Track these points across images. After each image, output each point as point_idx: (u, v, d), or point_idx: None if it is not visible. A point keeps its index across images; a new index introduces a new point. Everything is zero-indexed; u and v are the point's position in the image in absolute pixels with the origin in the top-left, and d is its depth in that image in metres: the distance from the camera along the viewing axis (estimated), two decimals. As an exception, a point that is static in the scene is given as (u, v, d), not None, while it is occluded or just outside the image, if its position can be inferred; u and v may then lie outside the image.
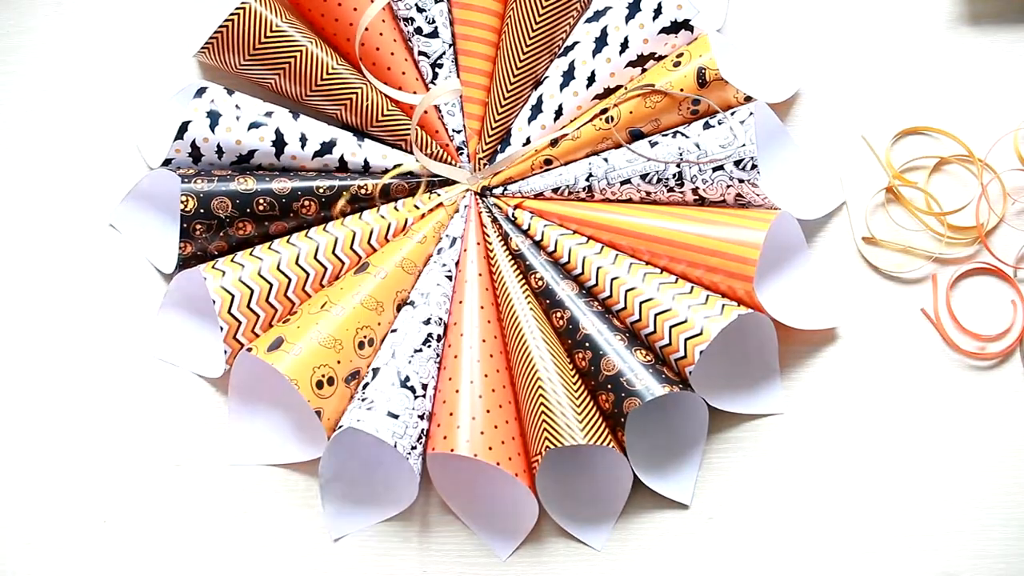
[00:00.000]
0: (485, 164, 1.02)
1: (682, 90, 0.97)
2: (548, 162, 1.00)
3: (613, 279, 0.95)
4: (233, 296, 0.94)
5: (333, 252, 0.97)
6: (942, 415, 0.95)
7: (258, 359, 0.92)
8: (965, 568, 0.92)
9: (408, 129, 1.00)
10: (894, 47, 1.02)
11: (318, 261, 0.96)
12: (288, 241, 0.97)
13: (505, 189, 1.01)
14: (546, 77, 1.01)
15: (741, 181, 0.95)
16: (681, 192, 0.97)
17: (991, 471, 0.94)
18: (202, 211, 0.96)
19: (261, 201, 0.97)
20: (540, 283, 0.97)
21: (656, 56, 0.99)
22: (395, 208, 1.00)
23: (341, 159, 0.99)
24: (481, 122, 1.02)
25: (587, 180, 0.98)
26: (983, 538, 0.93)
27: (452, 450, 0.90)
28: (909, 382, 0.96)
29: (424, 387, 0.94)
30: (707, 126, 0.96)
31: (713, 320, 0.91)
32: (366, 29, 0.99)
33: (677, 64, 0.97)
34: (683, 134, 0.96)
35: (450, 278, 0.98)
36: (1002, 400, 0.95)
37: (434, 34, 1.01)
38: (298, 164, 1.00)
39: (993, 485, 0.93)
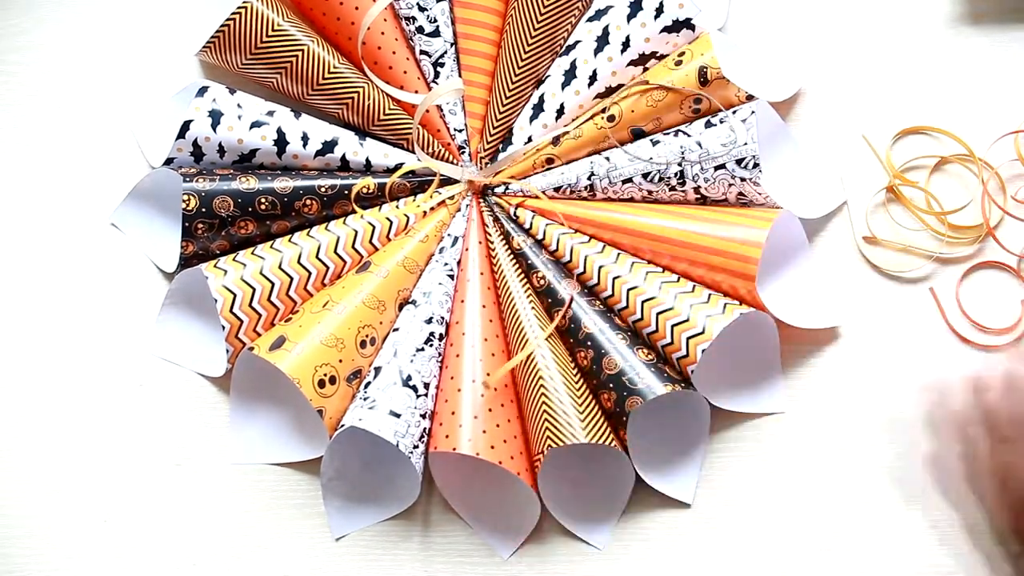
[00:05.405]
0: (487, 163, 1.02)
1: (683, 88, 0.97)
2: (550, 161, 1.00)
3: (615, 278, 0.95)
4: (235, 295, 0.94)
5: (335, 251, 0.97)
6: (943, 414, 0.95)
7: (260, 358, 0.92)
8: (967, 567, 0.92)
9: (410, 128, 1.00)
10: (895, 46, 1.02)
11: (320, 260, 0.96)
12: (290, 240, 0.97)
13: (507, 188, 1.01)
14: (548, 76, 1.01)
15: (743, 180, 0.95)
16: (683, 191, 0.97)
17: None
18: (204, 210, 0.96)
19: (263, 200, 0.97)
20: (542, 282, 0.97)
21: (658, 55, 1.00)
22: (397, 207, 1.00)
23: (343, 158, 0.99)
24: (483, 121, 1.02)
25: (589, 179, 0.98)
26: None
27: (454, 449, 0.90)
28: (910, 381, 0.96)
29: (426, 386, 0.94)
30: (709, 125, 0.96)
31: (715, 319, 0.91)
32: (368, 28, 0.99)
33: (679, 63, 0.97)
34: (685, 133, 0.96)
35: (452, 277, 0.99)
36: (1003, 399, 0.95)
37: (436, 33, 1.01)
38: (300, 163, 1.00)
39: (994, 484, 0.94)
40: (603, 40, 1.00)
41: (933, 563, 0.92)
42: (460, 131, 1.03)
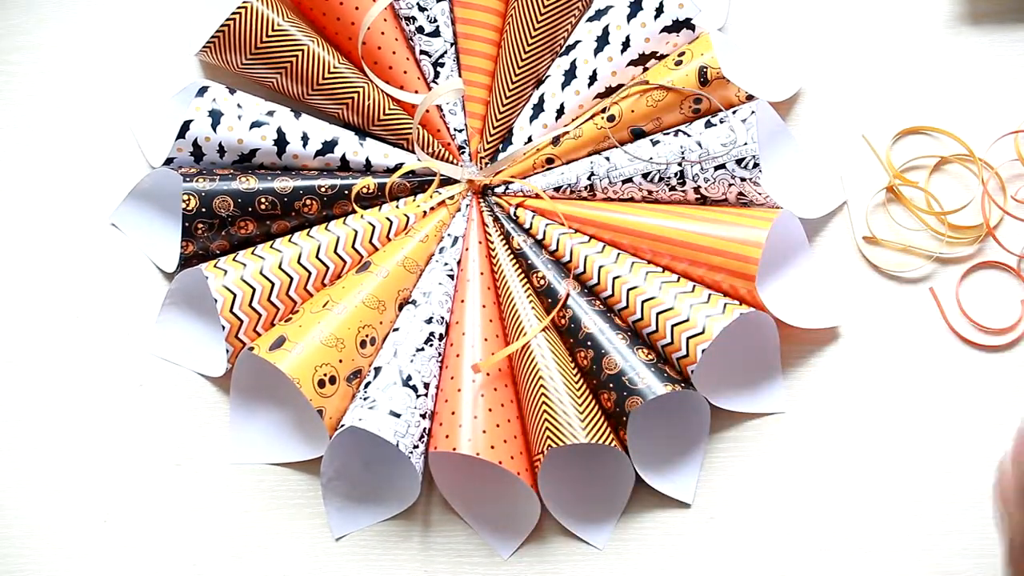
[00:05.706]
0: (487, 163, 1.02)
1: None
2: (550, 161, 1.00)
3: (615, 278, 0.95)
4: (235, 295, 0.94)
5: (335, 251, 0.97)
6: (943, 414, 0.95)
7: (260, 358, 0.92)
8: (967, 567, 0.92)
9: (410, 128, 1.00)
10: (895, 47, 1.02)
11: (320, 260, 0.96)
12: (290, 240, 0.97)
13: (507, 188, 1.01)
14: (548, 76, 1.01)
15: (743, 180, 0.95)
16: (683, 191, 0.97)
17: (993, 471, 0.94)
18: (204, 210, 0.96)
19: (263, 200, 0.97)
20: (542, 282, 0.97)
21: (658, 55, 1.00)
22: (397, 207, 1.00)
23: (343, 158, 0.99)
24: (483, 121, 1.02)
25: (589, 179, 0.98)
26: (985, 538, 0.93)
27: (454, 449, 0.90)
28: (910, 381, 0.96)
29: (426, 386, 0.94)
30: (709, 124, 0.96)
31: (715, 319, 0.91)
32: (368, 28, 0.99)
33: (679, 63, 0.97)
34: (685, 132, 0.96)
35: (452, 277, 0.99)
36: (1005, 399, 0.95)
37: (436, 33, 1.01)
38: (300, 163, 1.00)
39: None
40: (603, 40, 1.00)
41: (933, 563, 0.92)
42: (460, 131, 1.03)
